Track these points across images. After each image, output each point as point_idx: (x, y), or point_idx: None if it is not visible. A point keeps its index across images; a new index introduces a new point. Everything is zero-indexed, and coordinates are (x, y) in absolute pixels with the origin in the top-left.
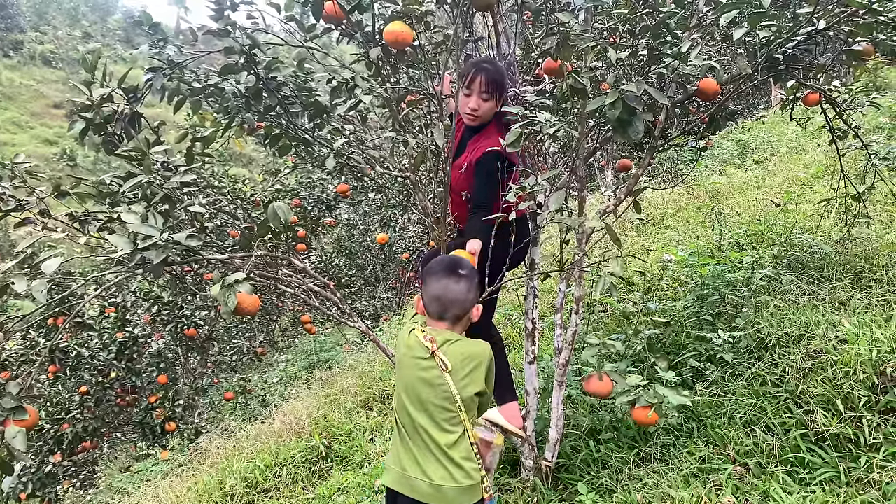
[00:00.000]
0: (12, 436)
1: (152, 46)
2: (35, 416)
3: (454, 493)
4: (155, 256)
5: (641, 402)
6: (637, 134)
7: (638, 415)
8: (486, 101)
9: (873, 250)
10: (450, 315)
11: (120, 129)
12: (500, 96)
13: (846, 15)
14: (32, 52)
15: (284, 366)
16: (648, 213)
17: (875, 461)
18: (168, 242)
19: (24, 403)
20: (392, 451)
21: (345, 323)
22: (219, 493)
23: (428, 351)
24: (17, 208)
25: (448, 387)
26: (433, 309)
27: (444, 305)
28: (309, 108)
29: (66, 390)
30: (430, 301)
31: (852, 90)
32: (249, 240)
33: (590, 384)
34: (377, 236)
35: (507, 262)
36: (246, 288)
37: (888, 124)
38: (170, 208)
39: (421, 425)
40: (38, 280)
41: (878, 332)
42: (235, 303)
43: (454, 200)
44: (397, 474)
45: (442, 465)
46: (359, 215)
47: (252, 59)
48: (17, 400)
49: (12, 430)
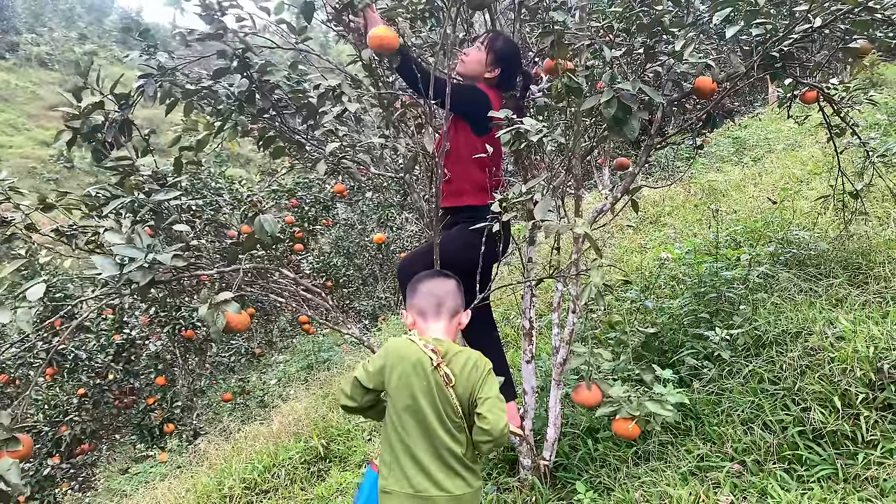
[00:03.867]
0: (6, 468)
1: (143, 53)
2: (29, 445)
3: (470, 498)
4: (140, 278)
5: (622, 414)
6: (633, 132)
7: (618, 427)
8: (477, 53)
9: (870, 247)
10: (446, 308)
11: (110, 137)
12: (497, 60)
13: (842, 12)
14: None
15: (283, 366)
16: (645, 211)
17: (872, 458)
18: (153, 263)
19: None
20: (389, 472)
21: (338, 330)
22: (217, 495)
23: (432, 363)
24: (2, 224)
25: (453, 400)
26: (429, 304)
27: (440, 298)
28: (302, 111)
29: (64, 392)
30: (424, 299)
31: (850, 87)
32: (237, 254)
33: (578, 394)
34: (375, 236)
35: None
36: (233, 308)
37: (885, 121)
38: (157, 222)
39: (433, 437)
40: (22, 309)
41: (874, 329)
42: (224, 322)
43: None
44: (408, 497)
45: (458, 475)
46: (356, 215)
47: (245, 63)
48: (9, 431)
49: (6, 463)
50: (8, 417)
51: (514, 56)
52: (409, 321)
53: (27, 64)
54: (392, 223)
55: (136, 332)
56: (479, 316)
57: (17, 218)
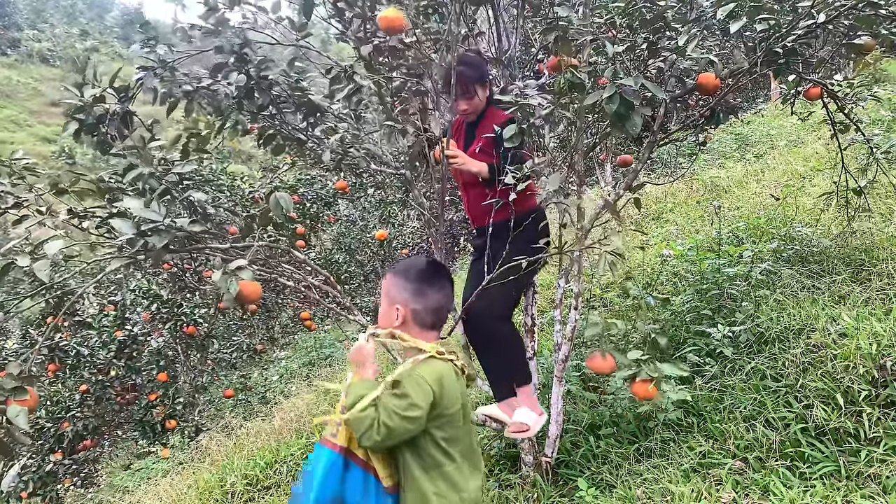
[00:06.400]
0: (14, 414)
1: (143, 45)
2: (35, 397)
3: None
4: (157, 241)
5: (642, 376)
6: (635, 128)
7: (638, 388)
8: (472, 98)
9: (873, 243)
10: (440, 324)
11: (113, 128)
12: (483, 83)
13: (846, 8)
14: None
15: (284, 363)
16: (648, 207)
17: (875, 455)
18: (171, 227)
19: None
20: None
21: (345, 317)
22: (219, 491)
23: (462, 372)
24: (16, 205)
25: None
26: (430, 320)
27: (442, 317)
28: (301, 108)
29: (66, 389)
30: (427, 312)
31: (853, 84)
32: (251, 229)
33: (593, 362)
34: (376, 233)
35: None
36: (247, 275)
37: (889, 117)
38: (170, 201)
39: (471, 438)
40: (42, 261)
41: (877, 326)
42: (237, 289)
43: (468, 199)
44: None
45: (481, 470)
46: (358, 212)
47: (243, 58)
48: (17, 380)
49: (14, 409)
50: (17, 368)
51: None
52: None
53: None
54: (394, 220)
55: (137, 328)
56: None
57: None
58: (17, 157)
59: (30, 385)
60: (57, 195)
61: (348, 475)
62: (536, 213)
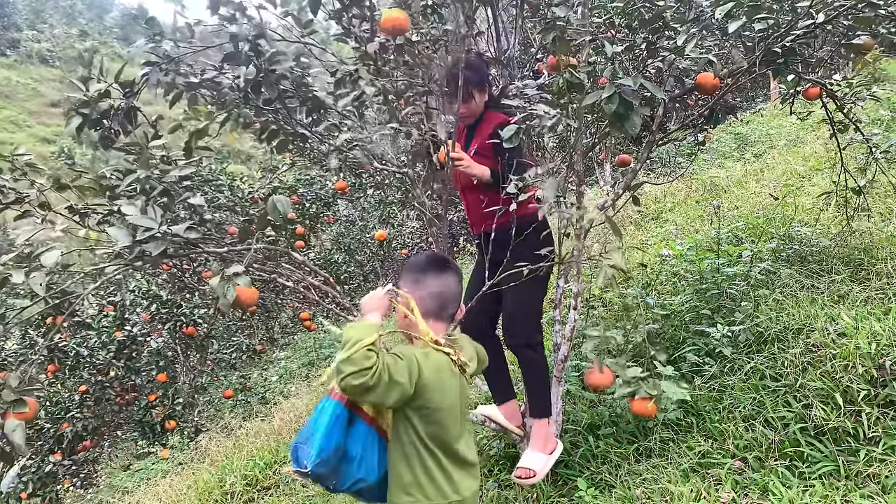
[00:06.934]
0: (11, 429)
1: (149, 41)
2: (35, 408)
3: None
4: (154, 248)
5: (641, 394)
6: (634, 128)
7: (637, 406)
8: (468, 102)
9: (872, 243)
10: (447, 314)
11: (117, 124)
12: (481, 87)
13: (845, 8)
14: (29, 50)
15: (284, 363)
16: (647, 207)
17: (874, 455)
18: (167, 235)
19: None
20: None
21: (344, 318)
22: (219, 492)
23: (458, 367)
24: (17, 201)
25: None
26: (434, 307)
27: (445, 303)
28: (307, 103)
29: (65, 389)
30: (430, 298)
31: (852, 84)
32: (248, 233)
33: (591, 377)
34: (376, 233)
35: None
36: (244, 281)
37: (888, 117)
38: (169, 202)
39: (463, 443)
40: (37, 273)
41: (876, 326)
42: (234, 295)
43: (467, 203)
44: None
45: (475, 477)
46: (357, 212)
47: (256, 49)
48: (16, 392)
49: (11, 424)
50: (16, 380)
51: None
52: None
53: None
54: (393, 220)
55: (137, 328)
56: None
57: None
58: (18, 154)
59: (29, 395)
60: (58, 191)
61: (353, 429)
62: (538, 221)
